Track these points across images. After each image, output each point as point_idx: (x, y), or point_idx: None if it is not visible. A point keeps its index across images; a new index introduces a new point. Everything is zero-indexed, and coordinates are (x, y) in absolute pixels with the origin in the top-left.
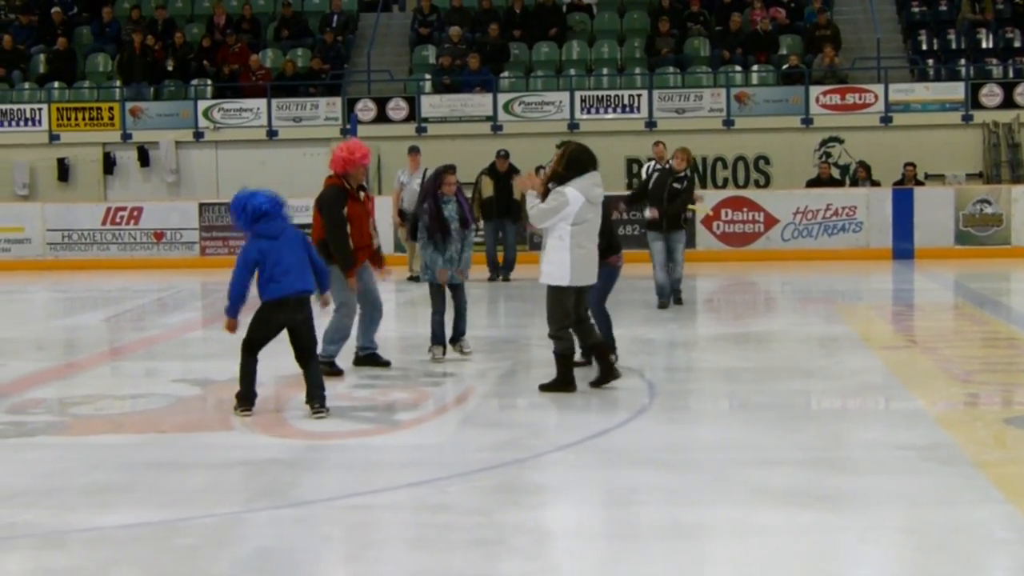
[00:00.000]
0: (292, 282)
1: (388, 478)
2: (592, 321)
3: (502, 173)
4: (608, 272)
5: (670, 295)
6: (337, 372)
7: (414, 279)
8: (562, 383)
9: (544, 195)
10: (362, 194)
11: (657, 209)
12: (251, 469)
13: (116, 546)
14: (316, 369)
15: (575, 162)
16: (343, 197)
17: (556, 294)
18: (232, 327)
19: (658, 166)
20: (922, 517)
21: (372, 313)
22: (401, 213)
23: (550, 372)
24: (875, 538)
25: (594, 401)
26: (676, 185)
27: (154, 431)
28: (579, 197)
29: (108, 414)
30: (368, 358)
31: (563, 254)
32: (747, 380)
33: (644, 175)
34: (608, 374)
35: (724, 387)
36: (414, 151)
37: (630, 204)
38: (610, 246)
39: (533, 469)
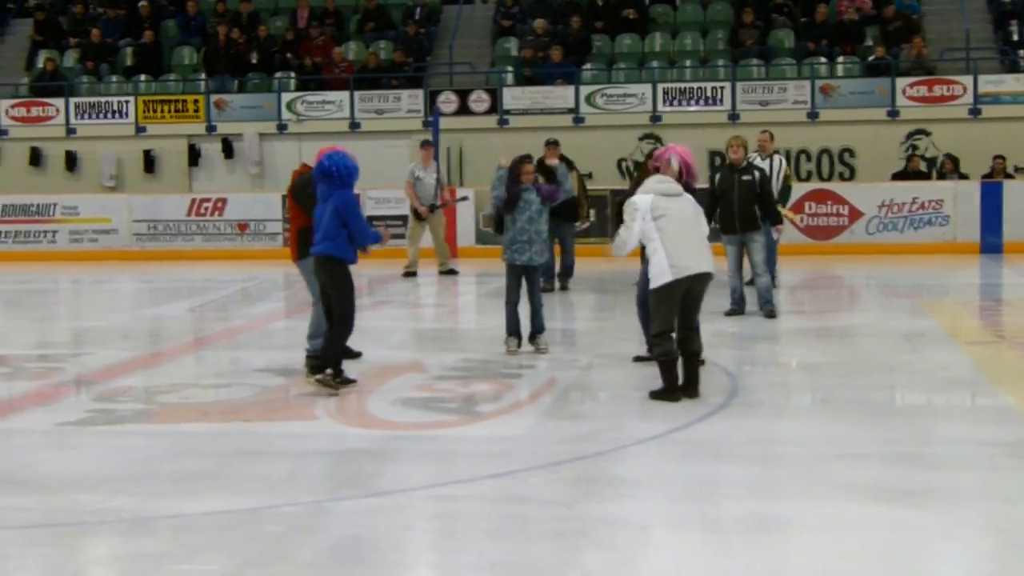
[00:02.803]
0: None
1: (470, 469)
2: (698, 331)
3: (553, 167)
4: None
5: (741, 301)
6: (354, 355)
7: (410, 274)
8: (666, 391)
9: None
10: None
11: (731, 212)
12: (334, 458)
13: (203, 532)
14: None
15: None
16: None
17: (659, 295)
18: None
19: (759, 163)
20: (1009, 515)
21: None
22: (419, 207)
23: (627, 365)
24: (961, 535)
25: None
26: (746, 178)
27: (239, 420)
28: (646, 197)
29: (194, 403)
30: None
31: (658, 251)
32: (831, 375)
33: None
34: (691, 389)
35: (807, 381)
36: (426, 144)
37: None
38: None
39: (614, 462)
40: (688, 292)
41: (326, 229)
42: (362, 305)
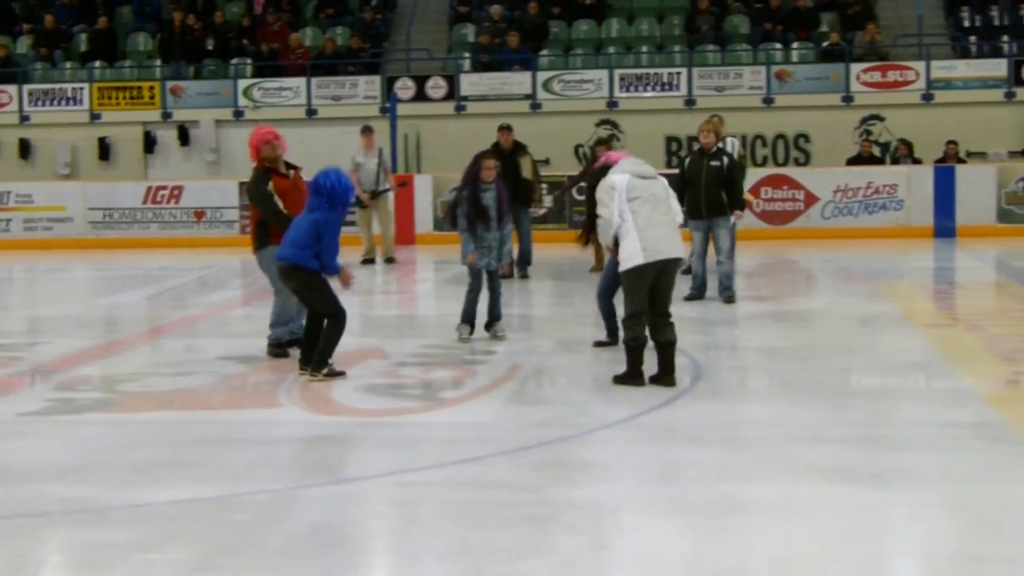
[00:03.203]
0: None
1: (436, 455)
2: (672, 318)
3: (507, 151)
4: (613, 262)
5: (702, 287)
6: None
7: (368, 261)
8: (630, 376)
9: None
10: (291, 172)
11: (698, 198)
12: (300, 446)
13: (170, 521)
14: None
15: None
16: (266, 175)
17: (630, 277)
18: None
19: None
20: (974, 495)
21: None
22: (361, 195)
23: (588, 350)
24: (927, 515)
25: None
26: (714, 163)
27: (202, 408)
28: (623, 177)
29: (155, 391)
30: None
31: (630, 233)
32: (790, 358)
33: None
34: (667, 378)
35: (767, 365)
36: (367, 130)
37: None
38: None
39: (581, 446)
40: (659, 277)
41: (299, 238)
42: None
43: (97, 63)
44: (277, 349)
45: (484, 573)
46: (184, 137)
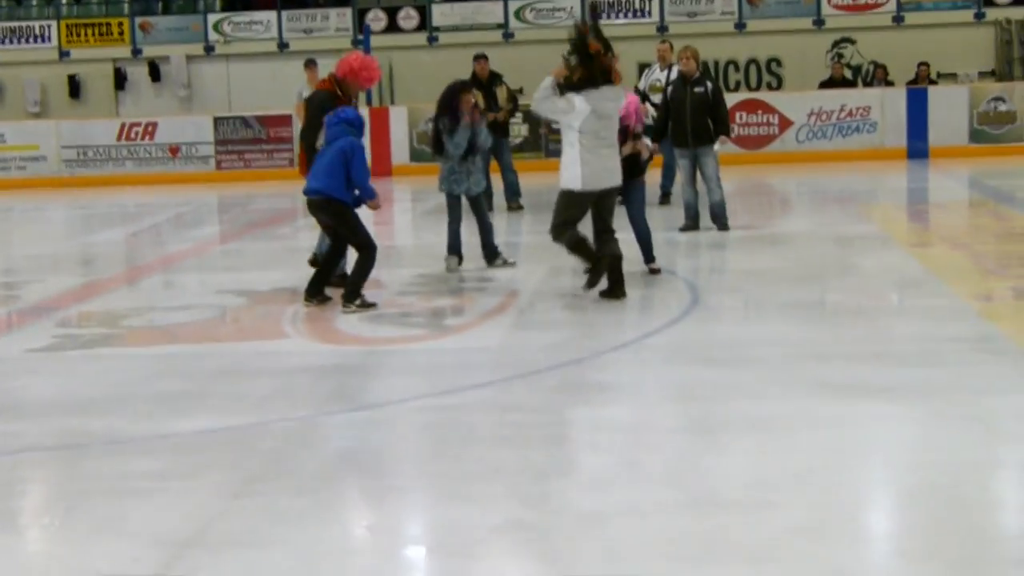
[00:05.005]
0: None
1: (451, 380)
2: (615, 234)
3: (484, 80)
4: (641, 186)
5: (695, 217)
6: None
7: None
8: (593, 271)
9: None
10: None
11: (683, 126)
12: (315, 375)
13: (201, 450)
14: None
15: (585, 71)
16: (332, 103)
17: (566, 198)
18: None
19: (658, 74)
20: (985, 405)
21: None
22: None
23: (583, 276)
24: (943, 426)
25: (640, 302)
26: (698, 90)
27: (209, 341)
28: (586, 107)
29: (161, 325)
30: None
31: (574, 158)
32: (784, 280)
33: (644, 83)
34: (617, 290)
35: (763, 287)
36: (311, 64)
37: (659, 138)
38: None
39: (594, 368)
40: (599, 201)
41: (328, 167)
42: (303, 226)
43: (64, 0)
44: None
45: (522, 492)
46: (155, 73)
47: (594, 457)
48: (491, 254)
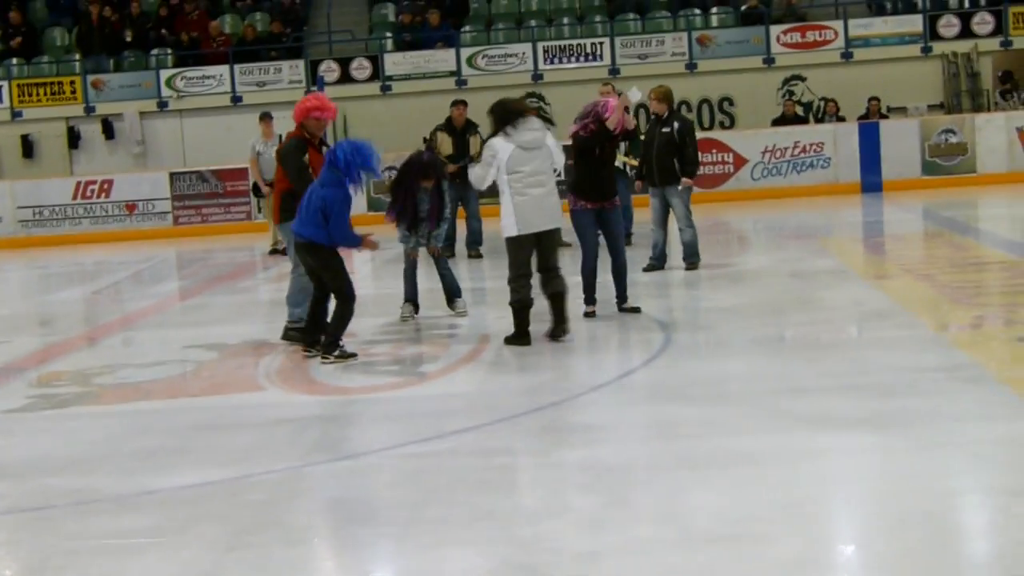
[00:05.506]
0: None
1: (433, 427)
2: (560, 272)
3: (459, 128)
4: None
5: (662, 257)
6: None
7: (276, 252)
8: (517, 336)
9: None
10: (323, 148)
11: (649, 165)
12: (296, 426)
13: (189, 505)
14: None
15: (496, 118)
16: (303, 146)
17: (510, 244)
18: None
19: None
20: (968, 433)
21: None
22: (262, 185)
23: (550, 317)
24: (929, 454)
25: (612, 342)
26: (665, 130)
27: (184, 396)
28: (507, 146)
29: (133, 382)
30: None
31: (507, 205)
32: (753, 315)
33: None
34: (558, 328)
35: (733, 323)
36: (266, 117)
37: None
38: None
39: (574, 410)
40: (540, 242)
41: (310, 215)
42: (263, 279)
43: (15, 60)
44: (295, 334)
45: (515, 536)
46: (109, 131)
47: (583, 497)
48: (452, 297)
